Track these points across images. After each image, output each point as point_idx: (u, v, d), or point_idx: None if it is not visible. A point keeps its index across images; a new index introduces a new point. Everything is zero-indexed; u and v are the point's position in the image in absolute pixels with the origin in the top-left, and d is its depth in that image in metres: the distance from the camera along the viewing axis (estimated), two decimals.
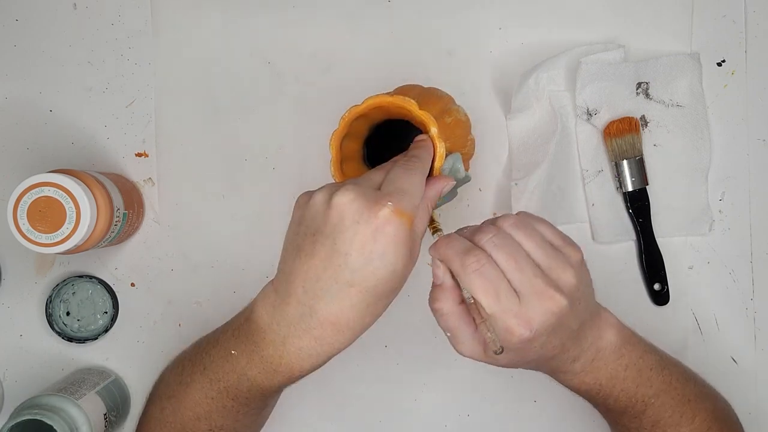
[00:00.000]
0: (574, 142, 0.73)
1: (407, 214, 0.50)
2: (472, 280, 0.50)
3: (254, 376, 0.54)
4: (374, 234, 0.49)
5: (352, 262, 0.49)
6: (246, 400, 0.56)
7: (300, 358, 0.52)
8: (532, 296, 0.49)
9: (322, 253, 0.50)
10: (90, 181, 0.65)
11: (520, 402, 0.73)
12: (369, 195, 0.50)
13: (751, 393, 0.72)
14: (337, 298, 0.50)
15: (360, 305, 0.50)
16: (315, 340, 0.51)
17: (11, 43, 0.75)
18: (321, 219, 0.51)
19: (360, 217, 0.49)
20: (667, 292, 0.72)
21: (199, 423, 0.57)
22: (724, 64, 0.73)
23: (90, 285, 0.74)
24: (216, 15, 0.75)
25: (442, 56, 0.74)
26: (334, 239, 0.50)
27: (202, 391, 0.57)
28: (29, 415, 0.62)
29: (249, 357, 0.54)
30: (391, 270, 0.50)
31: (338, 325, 0.51)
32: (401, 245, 0.50)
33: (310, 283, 0.51)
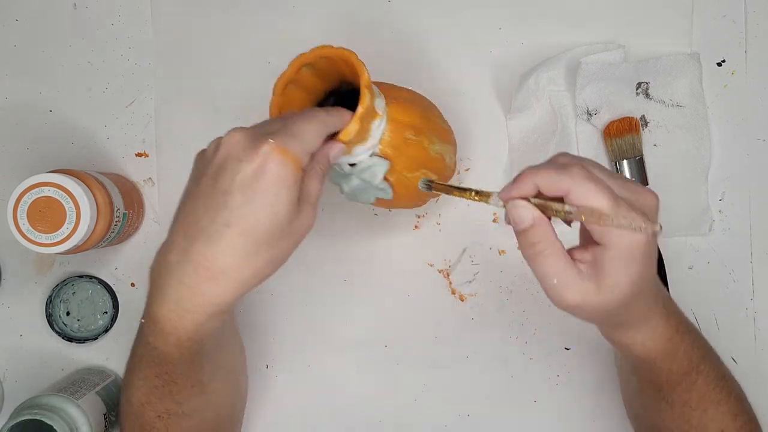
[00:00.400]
0: (574, 142, 0.73)
1: (291, 155, 0.48)
2: (585, 187, 0.44)
3: (155, 342, 0.51)
4: (255, 172, 0.47)
5: (231, 201, 0.47)
6: (167, 375, 0.53)
7: (178, 314, 0.49)
8: (634, 196, 0.46)
9: (203, 194, 0.49)
10: (90, 181, 0.65)
11: (520, 402, 0.73)
12: (256, 135, 0.49)
13: (751, 393, 0.72)
14: (213, 240, 0.48)
15: (237, 249, 0.48)
16: (189, 290, 0.48)
17: (11, 43, 0.75)
18: (209, 162, 0.50)
19: (243, 155, 0.48)
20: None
21: (144, 410, 0.56)
22: (724, 64, 0.73)
23: (90, 285, 0.74)
24: (216, 15, 0.75)
25: (442, 56, 0.74)
26: (215, 179, 0.48)
27: (135, 373, 0.55)
28: (29, 415, 0.62)
29: (147, 320, 0.52)
30: (270, 211, 0.48)
31: (212, 270, 0.48)
32: (283, 187, 0.48)
33: (190, 226, 0.49)
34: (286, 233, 0.49)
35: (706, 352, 0.57)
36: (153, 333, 0.51)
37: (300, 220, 0.50)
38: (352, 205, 0.73)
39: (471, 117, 0.73)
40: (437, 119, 0.63)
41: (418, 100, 0.63)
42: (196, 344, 0.51)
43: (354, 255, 0.74)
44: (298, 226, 0.50)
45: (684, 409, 0.55)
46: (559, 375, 0.73)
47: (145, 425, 0.57)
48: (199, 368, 0.55)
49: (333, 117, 0.53)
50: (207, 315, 0.50)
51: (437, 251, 0.73)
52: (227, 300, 0.49)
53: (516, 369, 0.73)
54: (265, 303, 0.74)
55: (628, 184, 0.46)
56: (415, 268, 0.74)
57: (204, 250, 0.48)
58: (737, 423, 0.57)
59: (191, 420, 0.57)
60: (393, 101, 0.59)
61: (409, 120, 0.59)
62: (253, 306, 0.74)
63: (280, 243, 0.50)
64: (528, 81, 0.71)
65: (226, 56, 0.75)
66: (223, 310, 0.50)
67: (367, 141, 0.56)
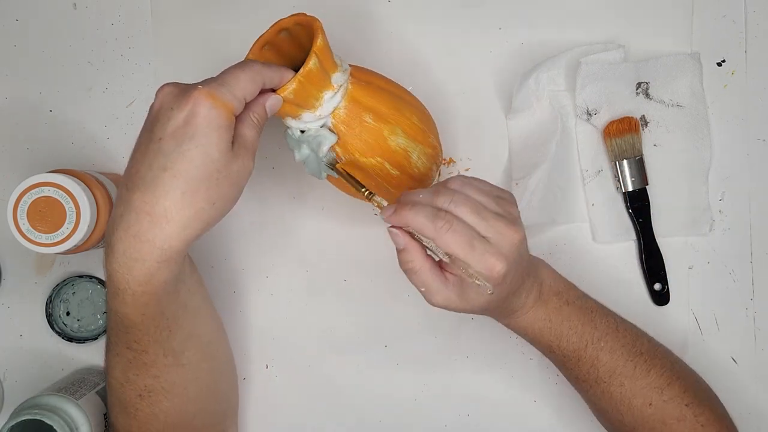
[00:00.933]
0: (574, 142, 0.73)
1: (221, 101, 0.50)
2: (447, 240, 0.52)
3: (116, 307, 0.53)
4: (186, 117, 0.50)
5: (164, 146, 0.50)
6: (137, 345, 0.54)
7: (128, 265, 0.50)
8: (498, 236, 0.53)
9: (141, 145, 0.51)
10: (90, 181, 0.65)
11: (520, 402, 0.73)
12: (187, 85, 0.51)
13: (751, 393, 0.72)
14: (151, 185, 0.49)
15: (174, 192, 0.49)
16: (134, 238, 0.50)
17: (11, 43, 0.75)
18: (147, 118, 0.53)
19: (175, 102, 0.50)
20: (667, 292, 0.72)
21: (124, 390, 0.57)
22: (724, 64, 0.73)
23: (90, 285, 0.74)
24: (216, 15, 0.75)
25: (442, 56, 0.74)
26: (151, 129, 0.51)
27: (110, 351, 0.56)
28: (29, 415, 0.62)
29: (107, 285, 0.53)
30: (203, 152, 0.49)
31: (153, 215, 0.49)
32: (213, 129, 0.50)
33: (130, 178, 0.51)
34: (223, 175, 0.51)
35: (610, 330, 0.61)
36: (111, 294, 0.52)
37: (237, 164, 0.52)
38: (353, 206, 0.73)
39: (471, 117, 0.73)
40: (412, 116, 0.63)
41: (394, 91, 0.63)
42: (152, 299, 0.52)
43: (354, 255, 0.74)
44: (237, 170, 0.52)
45: (600, 384, 0.60)
46: (559, 375, 0.72)
47: (129, 407, 0.57)
48: (167, 333, 0.55)
49: (270, 70, 0.54)
50: (155, 262, 0.50)
51: None
52: (173, 244, 0.50)
53: (516, 369, 0.73)
54: (265, 303, 0.74)
55: (497, 224, 0.53)
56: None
57: (143, 196, 0.50)
58: (664, 396, 0.59)
59: (173, 397, 0.58)
60: (361, 82, 0.59)
61: (371, 104, 0.60)
62: (253, 306, 0.74)
63: (220, 184, 0.51)
64: (528, 81, 0.71)
65: (226, 56, 0.74)
66: (171, 257, 0.51)
67: (316, 110, 0.57)
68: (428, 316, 0.74)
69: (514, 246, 0.54)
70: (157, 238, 0.50)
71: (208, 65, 0.74)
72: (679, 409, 0.59)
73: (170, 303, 0.54)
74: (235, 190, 0.53)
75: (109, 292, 0.53)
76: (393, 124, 0.61)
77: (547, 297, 0.60)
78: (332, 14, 0.74)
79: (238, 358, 0.73)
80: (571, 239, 0.73)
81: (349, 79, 0.59)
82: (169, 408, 0.58)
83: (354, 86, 0.59)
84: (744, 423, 0.64)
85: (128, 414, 0.58)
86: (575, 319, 0.60)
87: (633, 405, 0.60)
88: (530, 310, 0.60)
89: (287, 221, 0.75)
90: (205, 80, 0.52)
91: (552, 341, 0.61)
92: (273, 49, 0.59)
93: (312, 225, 0.74)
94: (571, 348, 0.60)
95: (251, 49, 0.59)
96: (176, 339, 0.57)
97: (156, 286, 0.52)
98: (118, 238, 0.50)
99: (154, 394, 0.57)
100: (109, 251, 0.51)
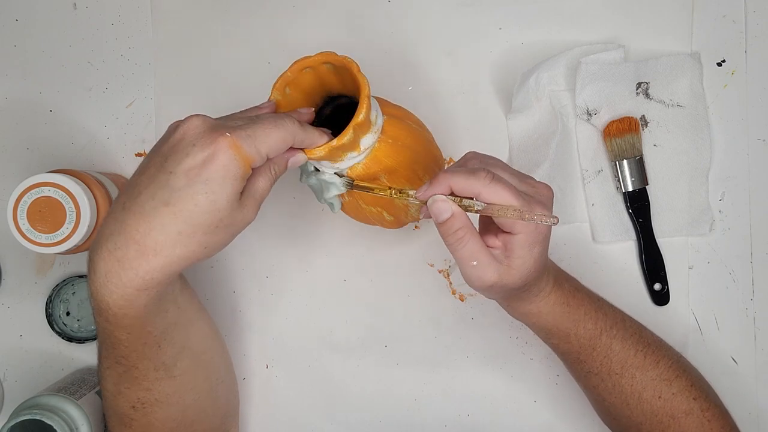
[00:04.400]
0: (574, 142, 0.73)
1: (244, 153, 0.49)
2: (494, 188, 0.51)
3: (102, 324, 0.52)
4: (205, 160, 0.48)
5: (174, 182, 0.48)
6: (125, 360, 0.53)
7: (108, 288, 0.49)
8: (533, 190, 0.53)
9: (151, 170, 0.49)
10: (90, 181, 0.65)
11: (520, 402, 0.73)
12: (216, 125, 0.49)
13: (751, 393, 0.72)
14: (149, 216, 0.48)
15: (170, 228, 0.48)
16: (118, 263, 0.48)
17: (11, 43, 0.76)
18: (163, 140, 0.50)
19: (197, 140, 0.48)
20: (667, 292, 0.72)
21: (117, 401, 0.56)
22: (724, 64, 0.73)
23: None
24: (216, 15, 0.75)
25: (442, 56, 0.74)
26: (166, 158, 0.49)
27: (101, 364, 0.55)
28: (29, 415, 0.62)
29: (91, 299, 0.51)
30: (211, 200, 0.48)
31: (142, 245, 0.48)
32: (229, 180, 0.48)
33: (130, 198, 0.49)
34: (224, 224, 0.50)
35: (618, 320, 0.61)
36: (96, 311, 0.51)
37: (241, 214, 0.51)
38: None
39: (471, 117, 0.73)
40: (425, 176, 0.62)
41: (416, 145, 0.61)
42: (134, 321, 0.51)
43: (354, 255, 0.74)
44: (238, 219, 0.51)
45: (612, 377, 0.60)
46: (559, 375, 0.73)
47: (123, 417, 0.57)
48: (156, 349, 0.54)
49: (305, 133, 0.53)
50: (134, 289, 0.49)
51: (437, 251, 0.73)
52: (155, 276, 0.49)
53: (516, 369, 0.73)
54: (264, 303, 0.74)
55: (528, 180, 0.54)
56: (415, 268, 0.74)
57: (137, 224, 0.48)
58: (672, 389, 0.59)
59: (168, 408, 0.57)
60: (387, 141, 0.58)
61: (391, 165, 0.59)
62: (253, 306, 0.75)
63: (218, 231, 0.50)
64: (528, 81, 0.71)
65: (226, 56, 0.75)
66: (151, 286, 0.50)
67: (336, 164, 0.56)
68: (428, 316, 0.74)
69: (550, 199, 0.53)
70: (140, 268, 0.48)
71: (208, 65, 0.75)
72: (687, 402, 0.59)
73: (157, 322, 0.53)
74: (229, 238, 0.51)
75: (94, 308, 0.52)
76: (402, 181, 0.60)
77: (561, 283, 0.59)
78: (332, 15, 0.75)
79: (238, 358, 0.73)
80: (571, 239, 0.73)
81: (378, 138, 0.57)
82: (165, 417, 0.57)
83: (380, 145, 0.57)
84: (744, 423, 0.64)
85: (124, 424, 0.57)
86: (587, 305, 0.60)
87: (643, 398, 0.59)
88: (550, 293, 0.58)
89: (287, 221, 0.75)
90: (235, 123, 0.50)
91: (570, 328, 0.59)
92: (293, 86, 0.58)
93: (312, 225, 0.74)
94: (587, 336, 0.59)
95: (274, 89, 0.57)
96: (166, 353, 0.56)
97: (137, 310, 0.50)
98: (101, 257, 0.49)
99: (147, 406, 0.56)
100: (91, 268, 0.50)
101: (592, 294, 0.61)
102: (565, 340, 0.60)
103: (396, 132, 0.59)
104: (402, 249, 0.74)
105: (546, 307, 0.59)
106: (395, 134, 0.58)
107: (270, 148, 0.50)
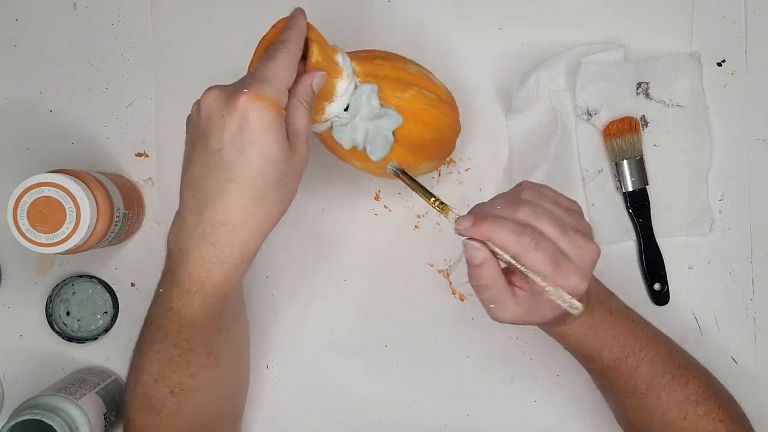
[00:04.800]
0: (574, 142, 0.73)
1: (269, 99, 0.50)
2: (534, 258, 0.49)
3: (178, 307, 0.53)
4: (240, 123, 0.49)
5: (225, 157, 0.49)
6: (186, 343, 0.55)
7: (205, 268, 0.52)
8: (578, 252, 0.50)
9: (200, 157, 0.51)
10: (90, 181, 0.65)
11: (520, 402, 0.73)
12: (230, 89, 0.51)
13: (751, 393, 0.72)
14: (221, 197, 0.50)
15: (244, 200, 0.50)
16: (213, 246, 0.51)
17: (11, 43, 0.75)
18: (196, 125, 0.52)
19: (224, 110, 0.49)
20: (667, 292, 0.72)
21: (157, 386, 0.57)
22: (724, 64, 0.73)
23: (90, 285, 0.74)
24: (216, 15, 0.75)
25: (442, 56, 0.74)
26: (206, 139, 0.50)
27: (150, 348, 0.57)
28: (29, 415, 0.62)
29: (169, 287, 0.54)
30: (265, 157, 0.49)
31: (229, 224, 0.50)
32: (270, 130, 0.49)
33: (197, 189, 0.51)
34: (287, 173, 0.51)
35: (650, 341, 0.60)
36: (177, 297, 0.53)
37: (296, 155, 0.52)
38: (353, 206, 0.73)
39: (471, 117, 0.73)
40: (408, 62, 0.64)
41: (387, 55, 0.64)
42: (220, 299, 0.53)
43: (354, 255, 0.74)
44: (296, 162, 0.52)
45: (637, 395, 0.59)
46: (559, 375, 0.73)
47: (156, 403, 0.58)
48: (218, 334, 0.57)
49: (291, 44, 0.53)
50: (233, 264, 0.52)
51: (437, 251, 0.73)
52: (251, 246, 0.52)
53: (516, 369, 0.73)
54: (265, 303, 0.74)
55: (577, 239, 0.50)
56: (415, 268, 0.74)
57: (215, 208, 0.50)
58: (699, 410, 0.59)
59: (202, 396, 0.58)
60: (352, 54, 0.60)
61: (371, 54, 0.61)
62: (253, 306, 0.74)
63: (284, 183, 0.51)
64: (528, 81, 0.71)
65: (226, 56, 0.75)
66: (248, 258, 0.53)
67: (341, 74, 0.57)
68: (428, 316, 0.74)
69: (592, 263, 0.51)
70: (235, 243, 0.51)
71: (208, 65, 0.75)
72: (713, 424, 0.59)
73: (233, 304, 0.56)
74: (297, 181, 0.53)
75: (173, 294, 0.53)
76: (395, 59, 0.62)
77: (593, 306, 0.58)
78: (332, 14, 0.74)
79: None
80: None
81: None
82: (195, 406, 0.59)
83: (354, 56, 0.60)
84: None
85: (153, 410, 0.58)
86: (618, 328, 0.58)
87: (666, 417, 0.59)
88: (578, 319, 0.57)
89: (287, 221, 0.74)
90: (244, 80, 0.51)
91: (594, 350, 0.58)
92: None
93: (312, 225, 0.74)
94: (612, 357, 0.58)
95: (255, 52, 0.58)
96: (222, 340, 0.58)
97: (229, 287, 0.53)
98: (195, 245, 0.51)
99: (186, 392, 0.57)
100: (182, 257, 0.52)
101: (628, 316, 0.60)
102: (588, 359, 0.60)
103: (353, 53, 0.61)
104: (402, 249, 0.74)
105: (569, 331, 0.58)
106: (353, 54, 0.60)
107: (284, 81, 0.51)
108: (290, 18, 0.55)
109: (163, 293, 0.54)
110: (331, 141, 0.60)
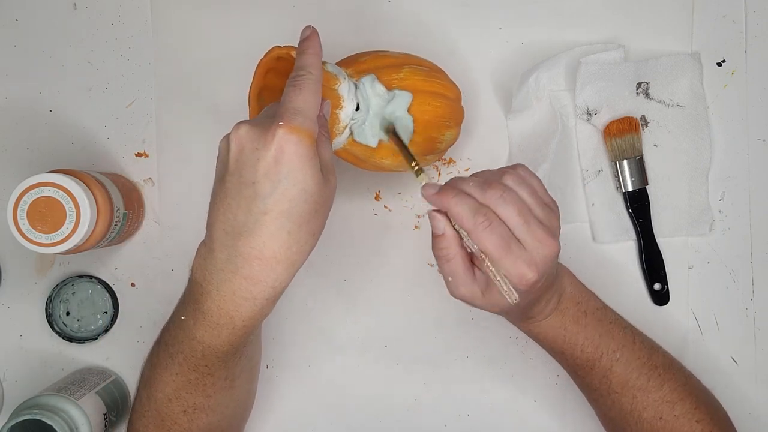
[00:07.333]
0: (574, 142, 0.73)
1: (304, 131, 0.49)
2: (483, 237, 0.50)
3: (202, 337, 0.53)
4: (275, 156, 0.48)
5: (260, 190, 0.49)
6: (206, 368, 0.55)
7: (236, 303, 0.51)
8: (535, 243, 0.51)
9: (232, 190, 0.50)
10: (90, 181, 0.65)
11: (520, 402, 0.73)
12: (263, 122, 0.50)
13: (751, 393, 0.72)
14: (256, 231, 0.49)
15: (280, 233, 0.49)
16: (246, 280, 0.50)
17: (11, 43, 0.75)
18: (226, 160, 0.51)
19: (257, 143, 0.49)
20: (667, 292, 0.72)
21: (171, 405, 0.57)
22: (724, 64, 0.73)
23: (90, 285, 0.74)
24: (216, 15, 0.75)
25: (442, 56, 0.74)
26: (239, 173, 0.50)
27: (166, 369, 0.56)
28: (29, 415, 0.62)
29: (194, 316, 0.53)
30: (301, 189, 0.49)
31: (264, 259, 0.49)
32: (305, 162, 0.49)
33: (228, 223, 0.50)
34: (319, 203, 0.50)
35: (627, 343, 0.60)
36: (203, 327, 0.52)
37: (328, 186, 0.51)
38: (353, 205, 0.73)
39: (471, 117, 0.73)
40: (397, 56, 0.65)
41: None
42: (248, 332, 0.53)
43: (354, 255, 0.74)
44: (329, 193, 0.52)
45: (612, 395, 0.60)
46: (559, 375, 0.73)
47: (167, 420, 0.57)
48: (238, 359, 0.56)
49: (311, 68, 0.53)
50: (265, 300, 0.51)
51: None
52: (283, 281, 0.51)
53: (516, 369, 0.73)
54: None
55: (538, 232, 0.51)
56: (415, 268, 0.74)
57: (249, 242, 0.49)
58: (675, 411, 0.59)
59: (213, 415, 0.58)
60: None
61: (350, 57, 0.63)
62: None
63: (318, 214, 0.51)
64: (528, 81, 0.71)
65: (226, 56, 0.75)
66: (279, 293, 0.52)
67: (338, 79, 0.58)
68: (428, 316, 0.74)
69: (549, 258, 0.52)
70: (269, 278, 0.50)
71: (208, 65, 0.75)
72: (690, 425, 0.59)
73: (257, 332, 0.56)
74: (328, 212, 0.52)
75: (198, 325, 0.53)
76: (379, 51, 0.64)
77: (565, 306, 0.59)
78: (332, 14, 0.75)
79: None
80: (571, 239, 0.73)
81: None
82: (206, 424, 0.59)
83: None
84: (744, 423, 0.64)
85: (163, 427, 0.58)
86: (592, 329, 0.60)
87: (643, 418, 0.59)
88: (547, 318, 0.59)
89: None
90: (273, 112, 0.51)
91: (565, 349, 0.60)
92: (268, 91, 0.60)
93: None
94: (584, 357, 0.60)
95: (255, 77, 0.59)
96: (240, 364, 0.57)
97: (258, 321, 0.53)
98: (226, 279, 0.50)
99: (198, 411, 0.57)
100: (211, 290, 0.51)
101: (602, 317, 0.61)
102: (560, 356, 0.61)
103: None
104: (402, 249, 0.74)
105: (538, 329, 0.60)
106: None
107: (313, 109, 0.51)
108: (305, 41, 0.55)
109: (185, 321, 0.54)
110: (357, 152, 0.61)
